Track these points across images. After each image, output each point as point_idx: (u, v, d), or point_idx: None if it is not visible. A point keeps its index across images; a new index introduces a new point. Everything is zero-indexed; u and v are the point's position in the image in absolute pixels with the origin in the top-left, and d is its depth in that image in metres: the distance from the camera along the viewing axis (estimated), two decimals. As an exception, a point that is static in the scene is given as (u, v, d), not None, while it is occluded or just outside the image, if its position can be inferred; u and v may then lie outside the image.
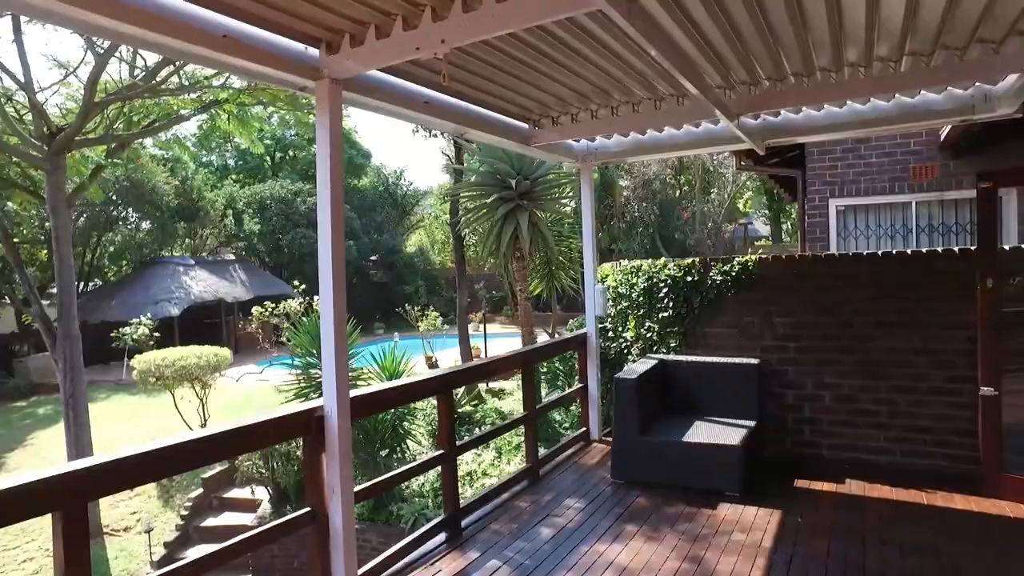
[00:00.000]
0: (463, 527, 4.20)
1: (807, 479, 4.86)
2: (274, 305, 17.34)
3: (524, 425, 5.15)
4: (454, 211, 15.40)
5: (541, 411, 5.52)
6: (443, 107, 4.03)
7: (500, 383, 14.36)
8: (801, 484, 4.79)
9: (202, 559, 2.52)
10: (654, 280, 6.12)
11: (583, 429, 6.04)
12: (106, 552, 10.92)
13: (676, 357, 5.76)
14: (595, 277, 6.04)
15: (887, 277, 5.09)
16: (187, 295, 23.50)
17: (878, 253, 5.19)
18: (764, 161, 10.14)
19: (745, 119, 4.81)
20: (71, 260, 12.44)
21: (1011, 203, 7.20)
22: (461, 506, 4.24)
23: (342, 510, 3.09)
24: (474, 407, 11.61)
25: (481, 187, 10.10)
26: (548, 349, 6.30)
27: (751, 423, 5.06)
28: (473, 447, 5.97)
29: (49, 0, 2.07)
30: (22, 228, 20.89)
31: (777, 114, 4.99)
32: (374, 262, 30.20)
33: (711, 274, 5.80)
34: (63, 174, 12.16)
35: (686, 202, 26.69)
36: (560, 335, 12.38)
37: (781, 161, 9.88)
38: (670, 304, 6.00)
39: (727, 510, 4.37)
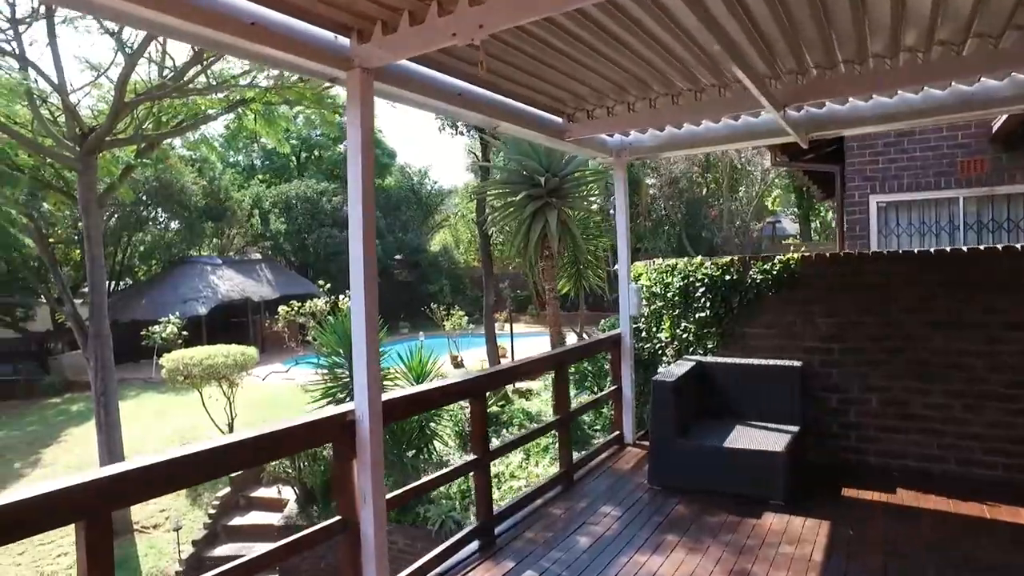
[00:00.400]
0: (496, 535, 4.06)
1: (854, 487, 4.62)
2: (300, 304, 17.42)
3: (557, 429, 4.99)
4: (481, 209, 15.24)
5: (575, 414, 5.35)
6: (476, 100, 3.89)
7: (526, 383, 14.21)
8: (849, 493, 4.56)
9: (226, 572, 2.41)
10: (690, 279, 5.93)
11: (616, 432, 5.87)
12: (136, 549, 11.01)
13: (714, 359, 5.55)
14: (629, 275, 5.85)
15: (939, 275, 4.83)
16: (214, 294, 23.73)
17: (930, 250, 4.93)
18: (800, 157, 9.83)
19: (788, 111, 4.60)
20: (102, 260, 12.57)
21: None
22: (494, 513, 4.09)
23: (374, 518, 2.97)
24: (501, 408, 11.47)
25: (509, 184, 9.93)
26: (582, 350, 6.13)
27: (794, 428, 4.84)
28: (507, 452, 5.83)
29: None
30: (57, 228, 21.23)
31: (821, 105, 4.77)
32: (399, 261, 30.25)
33: (750, 273, 5.60)
34: (94, 174, 12.30)
35: (713, 200, 26.27)
36: (588, 335, 12.21)
37: (817, 156, 9.57)
38: (707, 304, 5.80)
39: (772, 520, 4.16)
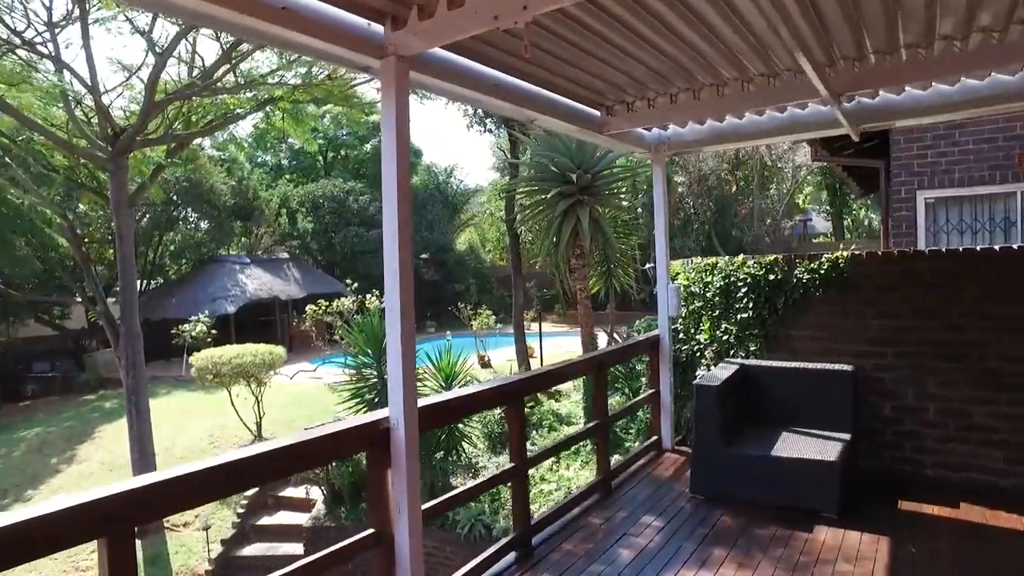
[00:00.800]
0: (533, 546, 3.89)
1: (913, 500, 4.35)
2: (327, 303, 17.46)
3: (596, 433, 4.79)
4: (510, 208, 15.05)
5: (613, 419, 5.15)
6: (513, 91, 3.72)
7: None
8: (907, 506, 4.29)
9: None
10: (731, 279, 5.69)
11: (654, 438, 5.65)
12: (167, 547, 11.06)
13: (759, 362, 5.31)
14: (668, 275, 5.63)
15: (1005, 275, 4.53)
16: (243, 293, 23.90)
17: (995, 247, 4.63)
18: (840, 152, 9.47)
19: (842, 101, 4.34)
20: (133, 259, 12.67)
21: None
22: (531, 523, 3.92)
23: (409, 530, 2.81)
24: (531, 409, 11.29)
25: (539, 182, 9.73)
26: (620, 352, 5.93)
27: (845, 436, 4.58)
28: (545, 459, 5.66)
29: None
30: (91, 228, 21.57)
31: (874, 95, 4.50)
32: (425, 260, 30.21)
33: (796, 272, 5.34)
34: (126, 174, 12.39)
35: (743, 198, 25.76)
36: (618, 335, 11.96)
37: (859, 151, 9.20)
38: (750, 304, 5.56)
39: (826, 534, 3.92)
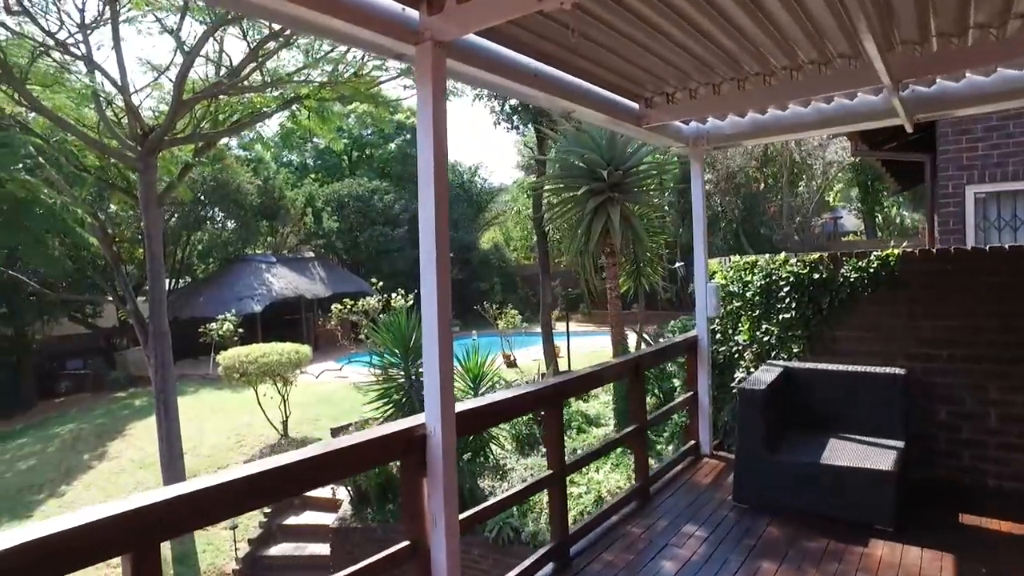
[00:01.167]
0: (571, 556, 3.72)
1: (975, 514, 4.09)
2: (352, 302, 17.45)
3: (634, 438, 4.60)
4: (537, 206, 14.85)
5: (651, 423, 4.96)
6: (551, 81, 3.55)
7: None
8: (969, 520, 4.04)
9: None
10: (773, 278, 5.46)
11: (692, 443, 5.44)
12: (195, 545, 11.10)
13: (803, 365, 5.07)
14: (706, 273, 5.42)
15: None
16: (269, 292, 24.05)
17: (1062, 245, 4.36)
18: (881, 145, 9.15)
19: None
20: (161, 258, 12.73)
21: None
22: (569, 532, 3.75)
23: (446, 542, 2.67)
24: (557, 410, 11.11)
25: (568, 179, 9.54)
26: (657, 354, 5.73)
27: (899, 443, 4.34)
28: (584, 465, 5.49)
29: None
30: (122, 228, 21.85)
31: (931, 83, 4.25)
32: (450, 259, 30.24)
33: (842, 271, 5.10)
34: (154, 173, 12.46)
35: (771, 196, 25.26)
36: (647, 335, 11.71)
37: (901, 145, 8.87)
38: (792, 304, 5.33)
39: (882, 549, 3.70)
